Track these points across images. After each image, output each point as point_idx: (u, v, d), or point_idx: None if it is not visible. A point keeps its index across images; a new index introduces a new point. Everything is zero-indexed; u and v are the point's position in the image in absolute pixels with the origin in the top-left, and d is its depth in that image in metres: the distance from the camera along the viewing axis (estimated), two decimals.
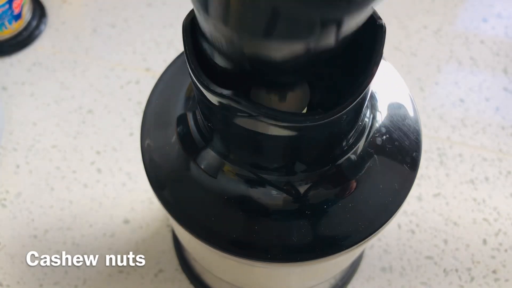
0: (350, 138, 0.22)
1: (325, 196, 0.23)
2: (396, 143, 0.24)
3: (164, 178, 0.24)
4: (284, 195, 0.22)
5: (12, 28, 0.53)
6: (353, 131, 0.22)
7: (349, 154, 0.22)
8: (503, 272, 0.43)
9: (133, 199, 0.45)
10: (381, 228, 0.23)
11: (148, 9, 0.57)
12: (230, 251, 0.23)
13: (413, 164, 0.24)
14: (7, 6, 0.50)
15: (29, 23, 0.54)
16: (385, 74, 0.26)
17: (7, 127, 0.49)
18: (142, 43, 0.54)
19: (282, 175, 0.22)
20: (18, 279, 0.42)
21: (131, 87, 0.52)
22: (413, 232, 0.44)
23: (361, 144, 0.23)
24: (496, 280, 0.43)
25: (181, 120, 0.24)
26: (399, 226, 0.44)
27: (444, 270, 0.43)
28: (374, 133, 0.23)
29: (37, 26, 0.55)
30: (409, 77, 0.52)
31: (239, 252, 0.23)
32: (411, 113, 0.25)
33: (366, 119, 0.23)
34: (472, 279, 0.43)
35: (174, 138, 0.24)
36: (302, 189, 0.22)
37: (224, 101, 0.17)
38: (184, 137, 0.23)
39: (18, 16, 0.52)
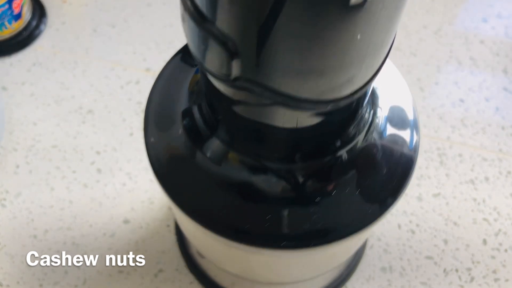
0: (351, 131, 0.23)
1: (325, 185, 0.23)
2: (394, 138, 0.25)
3: (169, 167, 0.25)
4: (285, 182, 0.23)
5: (12, 28, 0.53)
6: (354, 124, 0.22)
7: (349, 146, 0.23)
8: (503, 272, 0.43)
9: (133, 199, 0.45)
10: (380, 218, 0.24)
11: (148, 9, 0.57)
12: (231, 237, 0.23)
13: (410, 159, 0.25)
14: (7, 6, 0.50)
15: (29, 23, 0.54)
16: (385, 71, 0.26)
17: (7, 127, 0.49)
18: (142, 43, 0.54)
19: (284, 163, 0.22)
20: (18, 279, 0.42)
21: (131, 87, 0.51)
22: (413, 232, 0.44)
23: (360, 137, 0.23)
24: (496, 280, 0.43)
25: (187, 113, 0.24)
26: (399, 226, 0.44)
27: (444, 270, 0.43)
28: (374, 128, 0.24)
29: (37, 26, 0.55)
30: (409, 77, 0.52)
31: (239, 237, 0.23)
32: (410, 111, 0.26)
33: (367, 114, 0.23)
34: (472, 279, 0.43)
35: (180, 130, 0.24)
36: (302, 177, 0.23)
37: (239, 90, 0.18)
38: (190, 129, 0.24)
39: (18, 16, 0.52)
